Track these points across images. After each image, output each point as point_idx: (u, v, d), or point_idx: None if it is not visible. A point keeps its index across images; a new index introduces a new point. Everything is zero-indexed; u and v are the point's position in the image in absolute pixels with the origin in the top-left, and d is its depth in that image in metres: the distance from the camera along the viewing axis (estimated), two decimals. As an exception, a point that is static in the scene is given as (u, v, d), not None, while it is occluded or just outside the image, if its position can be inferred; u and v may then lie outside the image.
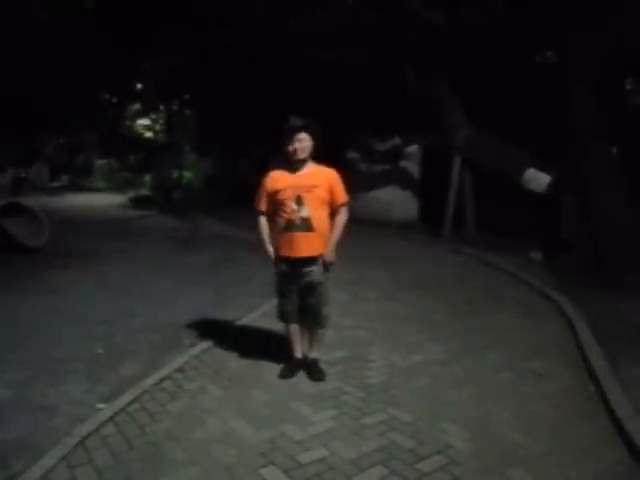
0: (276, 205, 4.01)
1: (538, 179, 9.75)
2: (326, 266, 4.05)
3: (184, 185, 25.13)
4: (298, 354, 4.33)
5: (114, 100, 23.12)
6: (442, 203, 11.71)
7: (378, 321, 5.71)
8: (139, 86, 22.10)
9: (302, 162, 3.99)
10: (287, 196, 3.92)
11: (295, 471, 2.96)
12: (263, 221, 4.14)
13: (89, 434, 3.30)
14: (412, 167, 13.76)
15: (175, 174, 24.92)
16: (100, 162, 33.37)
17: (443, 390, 4.02)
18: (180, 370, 4.34)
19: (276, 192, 3.98)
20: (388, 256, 9.75)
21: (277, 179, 4.04)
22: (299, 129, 3.91)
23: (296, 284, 4.09)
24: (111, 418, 3.52)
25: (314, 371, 4.23)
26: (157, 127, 27.86)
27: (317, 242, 3.97)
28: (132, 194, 23.80)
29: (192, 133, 24.75)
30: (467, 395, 3.93)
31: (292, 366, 4.29)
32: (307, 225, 3.92)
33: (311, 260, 3.99)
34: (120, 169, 31.30)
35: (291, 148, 3.92)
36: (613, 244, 7.81)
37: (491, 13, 10.01)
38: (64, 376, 4.26)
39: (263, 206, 4.12)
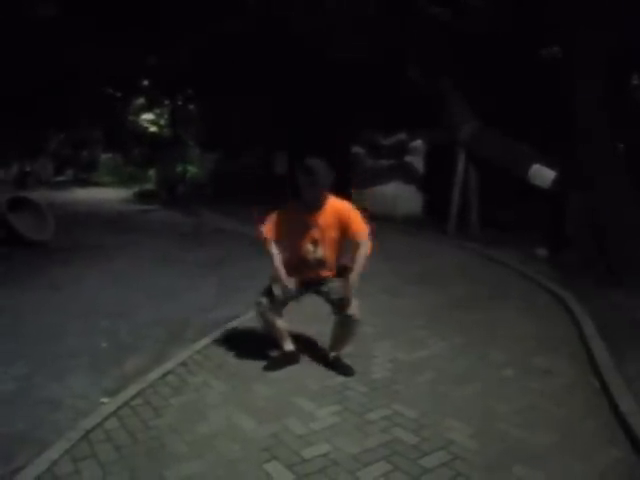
0: (289, 241, 4.07)
1: (543, 175, 9.70)
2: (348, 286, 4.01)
3: (188, 180, 25.15)
4: (289, 346, 4.31)
5: (118, 95, 23.11)
6: (447, 198, 11.69)
7: (382, 316, 5.70)
8: (145, 82, 22.10)
9: (317, 200, 3.97)
10: (303, 237, 3.99)
11: (298, 466, 2.96)
12: (275, 250, 4.07)
13: (93, 428, 3.31)
14: (417, 162, 13.74)
15: (179, 169, 24.94)
16: (104, 157, 33.46)
17: (447, 386, 4.01)
18: (184, 364, 4.34)
19: (290, 229, 4.03)
20: (392, 251, 9.72)
21: (292, 216, 4.05)
22: (313, 172, 3.85)
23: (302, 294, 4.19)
24: (115, 412, 3.52)
25: (343, 366, 4.23)
26: (161, 122, 27.85)
27: (329, 268, 4.11)
28: (136, 189, 23.85)
29: (196, 128, 24.75)
30: (471, 391, 3.92)
31: (285, 360, 4.29)
32: (320, 263, 4.06)
33: (322, 280, 4.12)
34: (124, 164, 31.36)
35: (305, 188, 3.90)
36: (617, 240, 7.77)
37: (497, 7, 9.94)
38: (68, 370, 4.27)
39: (274, 234, 4.06)
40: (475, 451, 3.12)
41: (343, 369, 4.21)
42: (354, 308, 4.05)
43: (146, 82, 22.10)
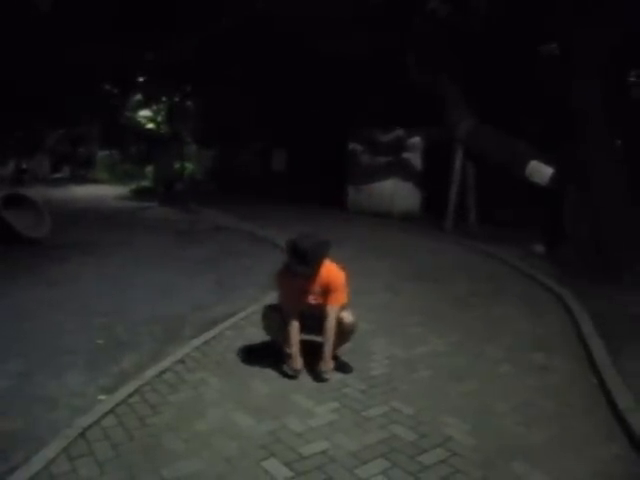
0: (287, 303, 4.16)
1: (541, 172, 9.70)
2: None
3: (186, 177, 25.11)
4: (298, 365, 4.18)
5: (116, 91, 23.03)
6: (444, 195, 11.69)
7: (379, 313, 5.70)
8: (142, 78, 22.02)
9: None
10: (299, 301, 4.08)
11: (296, 463, 2.95)
12: (296, 329, 4.10)
13: (90, 426, 3.29)
14: (414, 159, 13.71)
15: (176, 166, 24.89)
16: (102, 154, 33.35)
17: (445, 382, 4.01)
18: (181, 362, 4.33)
19: (289, 294, 4.11)
20: (390, 247, 9.74)
21: (289, 292, 4.11)
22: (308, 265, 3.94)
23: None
24: (112, 410, 3.51)
25: (341, 364, 4.25)
26: (159, 118, 27.77)
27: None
28: (133, 186, 23.79)
29: (194, 124, 24.70)
30: (469, 388, 3.92)
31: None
32: (314, 326, 4.11)
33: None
34: (121, 161, 31.28)
35: (300, 273, 3.97)
36: (615, 237, 7.78)
37: (495, 4, 9.93)
38: (65, 367, 4.25)
39: (295, 312, 4.10)
40: (473, 448, 3.12)
41: (341, 366, 4.21)
42: (350, 316, 4.14)
43: (143, 78, 22.01)
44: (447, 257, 9.09)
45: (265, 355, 4.40)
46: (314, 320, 4.08)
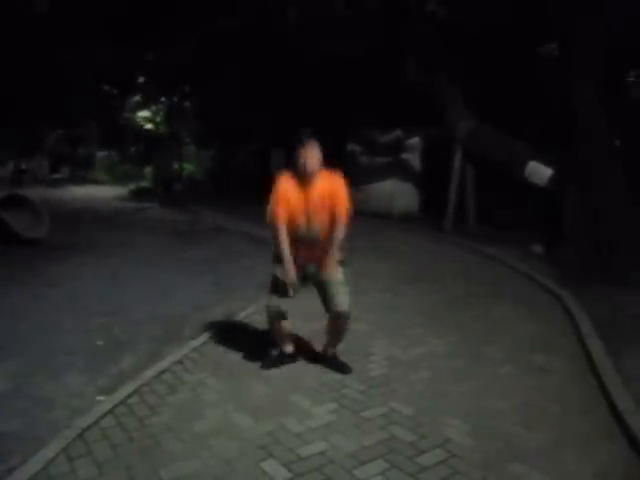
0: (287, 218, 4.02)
1: (540, 172, 9.70)
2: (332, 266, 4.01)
3: (185, 177, 25.10)
4: (289, 348, 4.30)
5: (115, 92, 23.02)
6: (443, 195, 11.69)
7: (378, 314, 5.69)
8: (141, 79, 22.02)
9: (311, 176, 3.98)
10: (297, 214, 3.95)
11: (295, 464, 2.95)
12: (284, 236, 3.99)
13: (88, 426, 3.29)
14: (413, 159, 13.71)
15: (175, 166, 24.88)
16: (101, 154, 33.34)
17: (444, 383, 4.00)
18: (180, 362, 4.33)
19: (288, 207, 3.97)
20: (389, 248, 9.74)
21: (289, 193, 4.00)
22: (311, 142, 3.94)
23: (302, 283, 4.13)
24: (110, 410, 3.50)
25: (339, 364, 4.23)
26: (157, 119, 27.77)
27: (323, 249, 4.01)
28: (132, 186, 23.78)
29: (193, 125, 24.70)
30: (468, 389, 3.92)
31: (282, 361, 4.28)
32: (314, 240, 4.00)
33: (316, 261, 4.04)
34: (121, 161, 31.27)
35: (302, 161, 3.91)
36: (614, 238, 7.78)
37: (495, 3, 9.92)
38: (63, 368, 4.24)
39: (283, 217, 3.99)
40: (472, 449, 3.12)
41: (340, 367, 4.21)
42: (344, 304, 4.03)
43: (142, 79, 22.01)
44: (446, 258, 9.09)
45: (264, 356, 4.40)
46: (305, 247, 4.01)
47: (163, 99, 24.95)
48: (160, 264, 8.23)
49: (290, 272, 3.95)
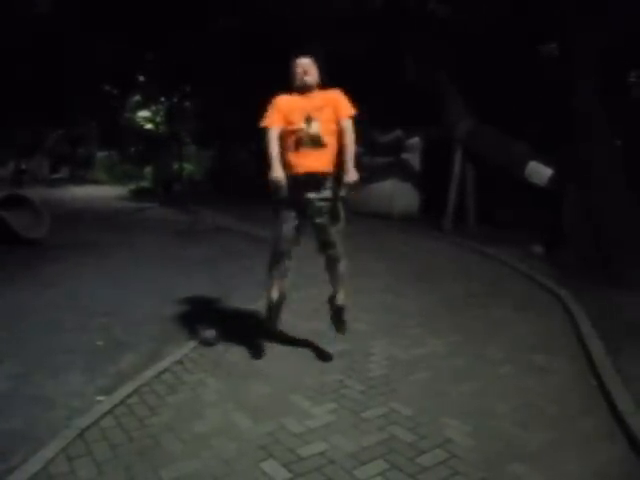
0: (285, 124, 3.95)
1: (540, 172, 9.70)
2: (345, 187, 3.88)
3: (185, 177, 25.10)
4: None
5: (115, 92, 23.03)
6: (443, 195, 11.68)
7: (378, 314, 5.69)
8: (141, 78, 22.03)
9: (310, 88, 3.99)
10: (296, 116, 3.90)
11: (295, 465, 2.95)
12: (275, 135, 3.88)
13: (88, 427, 3.29)
14: (413, 159, 13.71)
15: (175, 166, 24.88)
16: (101, 154, 33.36)
17: (444, 384, 4.00)
18: (180, 362, 4.32)
19: (285, 112, 3.93)
20: (389, 248, 9.74)
21: (286, 99, 4.00)
22: (307, 59, 4.02)
23: (301, 212, 4.00)
24: (110, 410, 3.50)
25: (339, 321, 4.26)
26: (157, 119, 27.77)
27: (327, 157, 3.93)
28: (132, 186, 23.79)
29: (193, 125, 24.70)
30: (468, 389, 3.91)
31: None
32: (317, 142, 3.89)
33: (321, 180, 3.93)
34: (121, 161, 31.28)
35: (299, 70, 3.94)
36: (615, 238, 7.77)
37: (496, 2, 9.92)
38: (63, 368, 4.24)
39: (275, 120, 3.92)
40: (472, 449, 3.11)
41: (336, 323, 4.28)
42: (338, 240, 4.03)
43: (142, 79, 22.02)
44: (446, 258, 9.08)
45: (264, 355, 4.39)
46: (308, 153, 3.92)
47: (163, 99, 24.95)
48: (160, 264, 8.22)
49: (278, 170, 3.83)
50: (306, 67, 3.96)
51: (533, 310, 5.96)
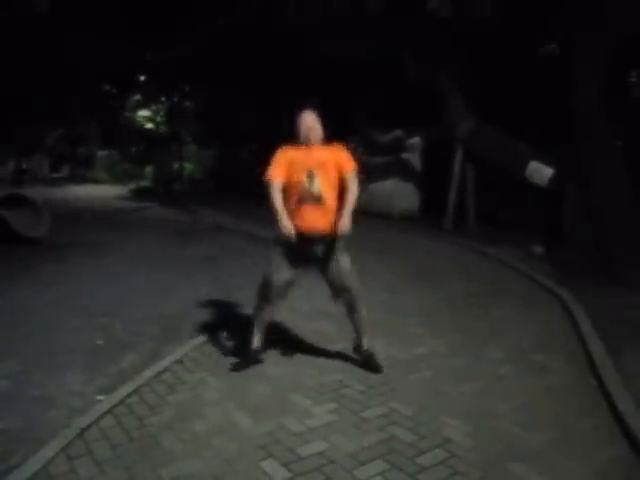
0: (288, 178, 3.99)
1: (541, 172, 9.69)
2: (339, 238, 3.97)
3: (185, 176, 25.10)
4: (257, 344, 4.26)
5: (115, 91, 23.02)
6: (444, 195, 11.68)
7: (378, 313, 5.67)
8: (141, 78, 22.02)
9: (313, 144, 4.03)
10: (298, 171, 3.94)
11: (295, 464, 2.95)
12: (278, 188, 3.95)
13: (88, 426, 3.29)
14: (414, 159, 13.70)
15: (176, 166, 24.88)
16: (101, 153, 33.35)
17: (444, 383, 4.00)
18: (180, 362, 4.33)
19: (288, 165, 3.97)
20: (389, 248, 9.74)
21: (289, 153, 4.03)
22: (313, 115, 4.06)
23: (303, 262, 4.06)
24: (110, 410, 3.50)
25: (372, 367, 4.20)
26: (158, 118, 27.77)
27: (328, 215, 3.98)
28: (133, 186, 23.79)
29: (193, 124, 24.70)
30: (468, 389, 3.91)
31: (249, 359, 4.23)
32: (318, 198, 3.94)
33: (321, 238, 3.97)
34: (121, 161, 31.28)
35: (304, 128, 3.98)
36: (615, 238, 7.77)
37: (499, 3, 9.91)
38: (63, 368, 4.24)
39: (278, 174, 3.97)
40: (472, 449, 3.11)
41: (371, 369, 4.19)
42: (351, 280, 4.09)
43: (143, 78, 22.01)
44: (446, 258, 9.08)
45: (264, 354, 4.39)
46: (310, 211, 3.96)
47: (163, 98, 24.94)
48: (160, 263, 8.22)
49: (285, 221, 3.87)
50: (311, 125, 4.01)
51: (533, 310, 5.96)
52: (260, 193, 4.26)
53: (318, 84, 14.93)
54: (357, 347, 4.32)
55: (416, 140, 13.63)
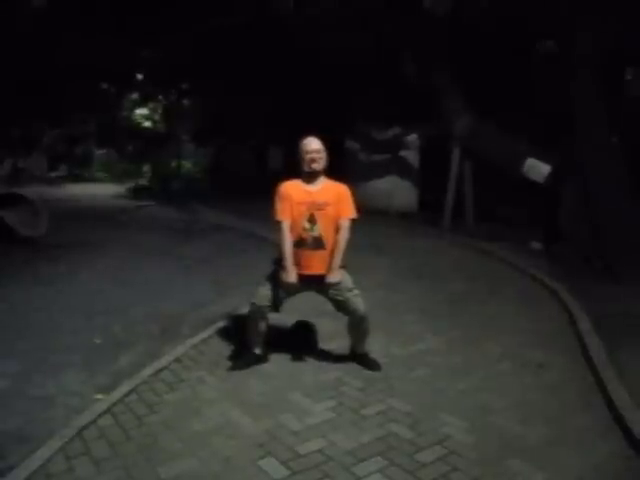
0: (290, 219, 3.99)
1: (538, 169, 9.70)
2: (327, 285, 3.97)
3: (183, 175, 25.07)
4: (258, 350, 4.26)
5: (112, 90, 22.96)
6: (441, 192, 11.67)
7: (377, 311, 5.65)
8: (139, 76, 21.97)
9: (317, 175, 4.00)
10: (300, 213, 3.92)
11: (293, 462, 2.95)
12: (286, 229, 3.93)
13: (86, 425, 3.29)
14: (412, 156, 13.69)
15: (174, 164, 24.84)
16: (99, 152, 33.25)
17: (442, 380, 4.01)
18: (178, 361, 4.32)
19: (292, 203, 3.95)
20: (387, 245, 9.73)
21: (292, 189, 4.01)
22: (317, 140, 3.99)
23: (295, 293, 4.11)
24: (108, 409, 3.50)
25: (369, 362, 4.23)
26: (155, 117, 27.72)
27: (327, 259, 3.96)
28: (131, 184, 23.73)
29: (191, 123, 24.66)
30: (466, 385, 3.92)
31: (254, 361, 4.24)
32: (318, 243, 3.94)
33: (321, 280, 3.97)
34: (118, 159, 31.20)
35: (308, 158, 3.93)
36: (613, 234, 7.78)
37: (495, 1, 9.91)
38: (61, 367, 4.24)
39: (286, 215, 3.95)
40: (471, 445, 3.12)
41: (370, 364, 4.22)
42: (358, 304, 4.06)
43: (140, 76, 21.95)
44: (444, 255, 9.08)
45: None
46: (309, 255, 3.96)
47: (161, 97, 24.90)
48: (158, 262, 8.21)
49: (290, 270, 3.89)
50: (314, 154, 3.95)
51: (531, 307, 5.97)
52: (258, 191, 4.27)
53: (315, 82, 14.94)
54: (352, 348, 4.36)
55: (414, 137, 13.62)
